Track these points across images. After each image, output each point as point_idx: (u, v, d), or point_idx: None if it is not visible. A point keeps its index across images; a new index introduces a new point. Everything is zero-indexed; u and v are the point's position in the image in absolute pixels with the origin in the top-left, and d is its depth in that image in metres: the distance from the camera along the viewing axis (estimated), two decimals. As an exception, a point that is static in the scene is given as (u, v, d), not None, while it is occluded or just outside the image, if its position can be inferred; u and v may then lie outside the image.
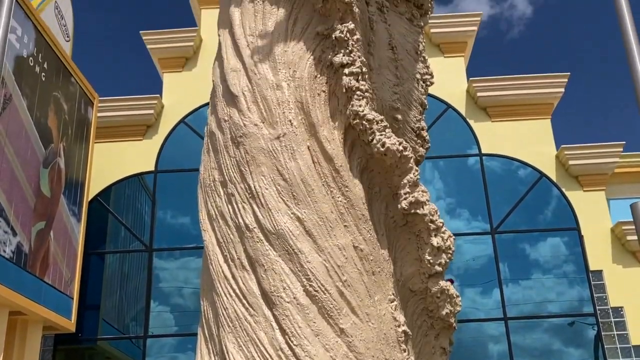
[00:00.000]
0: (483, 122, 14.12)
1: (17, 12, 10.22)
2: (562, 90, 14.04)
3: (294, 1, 3.56)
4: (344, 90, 3.27)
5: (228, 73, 3.42)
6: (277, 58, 3.36)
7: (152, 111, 13.73)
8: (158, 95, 13.97)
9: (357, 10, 3.45)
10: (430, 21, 4.49)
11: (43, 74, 10.99)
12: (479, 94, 14.02)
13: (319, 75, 3.37)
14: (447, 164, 14.00)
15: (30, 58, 10.61)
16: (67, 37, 13.11)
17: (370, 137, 3.20)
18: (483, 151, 13.89)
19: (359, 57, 3.33)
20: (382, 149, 3.16)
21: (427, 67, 4.15)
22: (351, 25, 3.37)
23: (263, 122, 3.21)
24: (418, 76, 4.02)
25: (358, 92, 3.25)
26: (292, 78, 3.31)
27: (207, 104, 3.71)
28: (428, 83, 4.12)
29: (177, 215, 13.61)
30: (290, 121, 3.18)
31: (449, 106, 14.12)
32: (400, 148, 3.15)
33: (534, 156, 13.77)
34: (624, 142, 13.58)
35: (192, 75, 14.31)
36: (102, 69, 29.11)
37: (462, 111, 14.19)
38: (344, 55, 3.31)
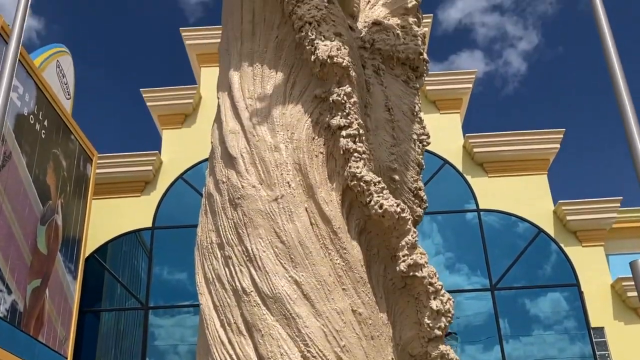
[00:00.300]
0: (480, 177, 14.19)
1: (20, 70, 10.37)
2: (558, 146, 14.16)
3: (292, 65, 3.63)
4: (342, 152, 3.30)
5: (227, 135, 3.45)
6: (276, 120, 3.40)
7: (150, 167, 13.79)
8: (157, 151, 14.05)
9: (353, 74, 3.51)
10: (426, 78, 4.56)
11: (43, 131, 11.08)
12: (475, 150, 14.13)
13: (316, 137, 3.40)
14: (445, 218, 14.01)
15: (31, 116, 10.71)
16: (68, 95, 13.28)
17: (368, 199, 3.20)
18: (481, 206, 13.91)
19: (356, 120, 3.37)
20: (379, 211, 3.16)
21: (424, 127, 4.19)
22: (348, 89, 3.42)
23: (261, 184, 3.22)
24: (415, 137, 4.06)
25: (355, 154, 3.27)
26: (290, 140, 3.34)
27: (206, 159, 3.74)
28: (425, 143, 4.15)
29: (174, 272, 13.51)
30: (288, 183, 3.19)
31: (445, 162, 14.21)
32: (398, 210, 3.16)
33: (531, 211, 13.78)
34: (621, 198, 13.62)
35: (191, 132, 14.43)
36: (102, 126, 29.39)
37: (459, 167, 14.27)
38: (341, 118, 3.35)
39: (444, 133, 14.19)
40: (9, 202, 9.70)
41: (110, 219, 13.36)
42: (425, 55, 4.36)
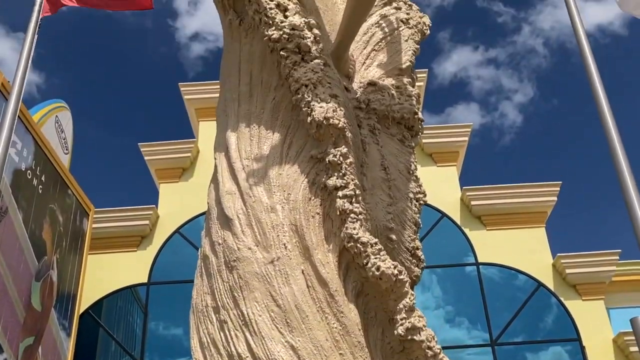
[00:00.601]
0: (478, 230, 14.18)
1: (18, 126, 10.44)
2: (555, 198, 14.21)
3: (288, 126, 3.66)
4: (338, 213, 3.29)
5: (223, 196, 3.45)
6: (272, 181, 3.40)
7: (147, 222, 13.76)
8: (154, 205, 14.05)
9: (349, 134, 3.54)
10: (422, 132, 4.60)
11: (40, 186, 11.09)
12: (472, 202, 14.16)
13: (313, 198, 3.40)
14: (445, 271, 13.95)
15: (29, 171, 10.74)
16: (66, 149, 13.36)
17: (365, 261, 3.18)
18: (479, 260, 13.86)
19: (353, 180, 3.38)
20: (377, 273, 3.13)
21: (420, 186, 4.20)
22: (344, 149, 3.44)
23: (257, 246, 3.20)
24: (411, 195, 4.06)
25: (352, 215, 3.26)
26: (286, 201, 3.33)
27: (203, 213, 3.73)
28: (421, 202, 4.15)
29: (170, 327, 13.33)
30: (284, 245, 3.17)
31: (443, 215, 14.22)
32: (396, 272, 3.13)
33: (530, 265, 13.72)
34: (620, 250, 13.58)
35: (189, 186, 14.47)
36: (100, 180, 29.49)
37: (457, 220, 14.27)
38: (337, 179, 3.36)
39: (442, 186, 14.24)
40: (4, 258, 9.63)
41: (105, 274, 13.25)
42: (420, 115, 4.41)
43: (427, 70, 16.11)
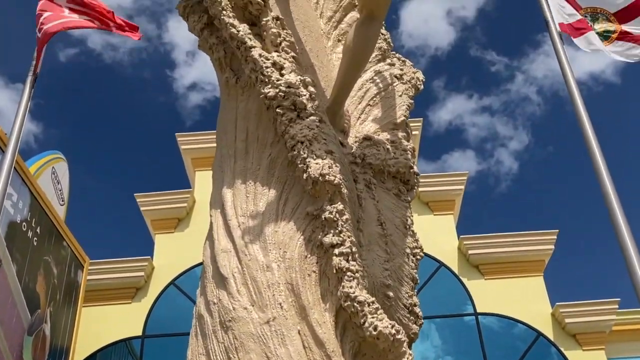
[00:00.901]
0: (476, 279, 14.10)
1: (15, 178, 10.45)
2: (552, 247, 14.18)
3: (284, 182, 3.66)
4: (335, 271, 3.26)
5: (218, 254, 3.43)
6: (268, 239, 3.39)
7: (142, 273, 13.64)
8: (149, 257, 13.96)
9: (345, 190, 3.54)
10: (418, 181, 4.60)
11: (35, 238, 11.02)
12: (470, 251, 14.11)
13: (309, 255, 3.38)
14: (444, 320, 13.79)
15: (24, 223, 10.70)
16: (62, 201, 13.34)
17: (362, 320, 3.14)
18: (478, 309, 13.72)
19: (349, 237, 3.36)
20: (374, 333, 3.09)
21: (417, 240, 4.18)
22: (340, 206, 3.43)
23: (253, 305, 3.16)
24: (408, 250, 4.04)
25: (349, 273, 3.24)
26: (282, 259, 3.31)
27: (199, 264, 3.70)
28: (418, 257, 4.13)
29: (164, 380, 13.06)
30: (280, 304, 3.13)
31: (441, 264, 14.14)
32: (393, 331, 3.09)
33: (529, 314, 13.59)
34: (619, 299, 13.48)
35: (184, 236, 14.41)
36: (96, 231, 29.34)
37: (455, 269, 14.19)
38: (333, 236, 3.34)
39: (439, 235, 14.22)
40: (-4, 312, 9.50)
41: (99, 327, 13.06)
42: (415, 169, 4.42)
43: (422, 119, 16.29)
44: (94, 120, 33.68)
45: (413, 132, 14.51)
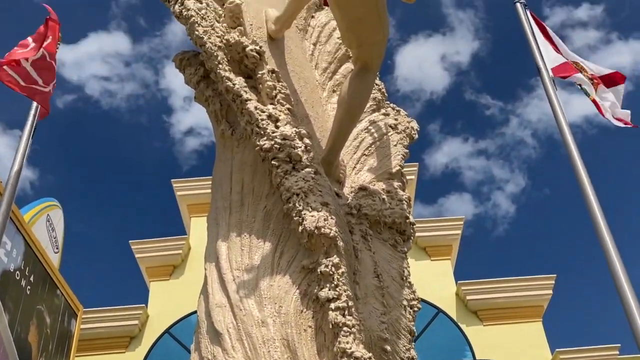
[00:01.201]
0: (475, 326, 13.93)
1: (9, 227, 10.37)
2: (550, 292, 14.08)
3: (280, 234, 3.64)
4: (331, 326, 3.22)
5: (213, 309, 3.38)
6: (263, 293, 3.35)
7: (136, 322, 13.45)
8: (143, 305, 13.79)
9: (341, 243, 3.51)
10: (415, 225, 4.58)
11: (28, 287, 10.89)
12: (468, 297, 13.99)
13: (305, 310, 3.34)
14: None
15: (17, 272, 10.58)
16: (57, 248, 13.24)
17: (359, 376, 3.08)
18: (477, 356, 13.53)
19: (345, 291, 3.33)
20: (371, 391, 3.03)
21: (414, 292, 4.14)
22: (336, 259, 3.40)
23: (247, 362, 3.10)
24: (405, 303, 4.00)
25: (345, 328, 3.19)
26: (277, 314, 3.26)
27: (194, 312, 3.64)
28: (415, 309, 4.08)
29: None
30: (276, 361, 3.08)
31: (439, 310, 13.99)
32: (391, 389, 3.03)
33: (530, 361, 13.40)
34: (619, 345, 13.32)
35: (179, 284, 14.26)
36: (90, 278, 29.03)
37: (453, 315, 14.04)
38: (329, 290, 3.31)
39: (436, 281, 14.12)
40: (-14, 364, 9.31)
41: (92, 378, 12.81)
42: (411, 219, 4.41)
43: (417, 163, 16.33)
44: (91, 166, 33.74)
45: (409, 177, 14.54)
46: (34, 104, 8.72)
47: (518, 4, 9.50)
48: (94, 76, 33.89)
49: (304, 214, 3.50)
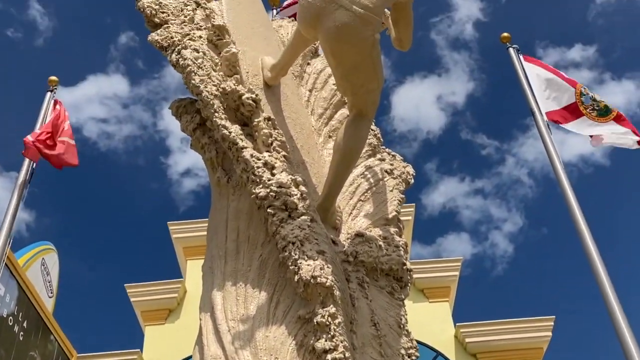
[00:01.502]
0: (474, 369, 13.73)
1: (3, 271, 10.28)
2: (550, 334, 13.90)
3: (275, 284, 3.61)
4: (327, 378, 3.16)
5: (208, 361, 3.33)
6: (259, 344, 3.30)
7: (131, 367, 13.22)
8: (138, 349, 13.57)
9: (337, 292, 3.48)
10: (413, 266, 4.54)
11: (22, 333, 10.74)
12: (467, 339, 13.81)
13: (301, 361, 3.28)
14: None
15: (10, 317, 10.45)
16: (51, 293, 13.11)
17: None
18: (478, 401, 13.30)
19: (342, 342, 3.28)
20: None
21: (411, 340, 4.09)
22: (332, 309, 3.37)
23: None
24: (403, 351, 3.95)
25: (342, 381, 3.13)
26: (273, 366, 3.21)
27: (189, 357, 3.58)
28: (413, 357, 4.03)
29: None
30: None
31: (438, 353, 13.80)
32: None
33: (531, 406, 13.16)
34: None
35: (175, 328, 14.06)
36: (85, 322, 28.62)
37: (452, 358, 13.83)
38: (326, 341, 3.26)
39: (435, 323, 13.94)
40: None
41: None
42: (408, 265, 4.38)
43: (414, 204, 16.28)
44: (87, 208, 33.60)
45: (406, 218, 14.54)
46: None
47: (511, 49, 9.63)
48: (92, 118, 34.07)
49: (300, 263, 3.48)
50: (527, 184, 33.68)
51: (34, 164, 9.48)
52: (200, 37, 4.44)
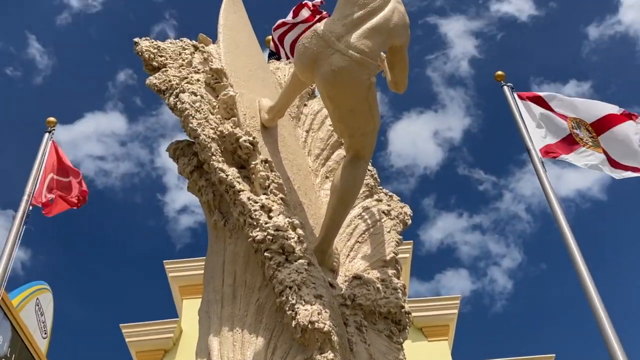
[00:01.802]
0: (475, 410, 13.51)
1: (-3, 313, 10.19)
2: (551, 373, 13.75)
3: (272, 329, 3.56)
4: None
5: (203, 409, 3.26)
6: (256, 391, 3.24)
7: (125, 412, 12.97)
8: (134, 392, 13.35)
9: (335, 338, 3.43)
10: (411, 304, 4.50)
11: (14, 375, 10.57)
12: (467, 380, 13.63)
13: (298, 409, 3.22)
14: None
15: (3, 359, 10.29)
16: (45, 333, 12.94)
17: None
18: None
19: (340, 389, 3.22)
20: None
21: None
22: (330, 355, 3.32)
23: None
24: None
25: None
26: (270, 414, 3.15)
27: None
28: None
29: None
30: None
31: (437, 394, 13.60)
32: None
33: None
34: None
35: (170, 369, 13.86)
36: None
37: (452, 399, 13.64)
38: (324, 389, 3.20)
39: (434, 362, 13.77)
40: None
41: None
42: (406, 308, 4.33)
43: (412, 241, 16.22)
44: (83, 246, 33.40)
45: (404, 256, 14.46)
46: (27, 188, 8.79)
47: (505, 87, 9.72)
48: (89, 156, 34.11)
49: (297, 308, 3.44)
50: (524, 219, 33.67)
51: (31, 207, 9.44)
52: (198, 80, 4.47)
